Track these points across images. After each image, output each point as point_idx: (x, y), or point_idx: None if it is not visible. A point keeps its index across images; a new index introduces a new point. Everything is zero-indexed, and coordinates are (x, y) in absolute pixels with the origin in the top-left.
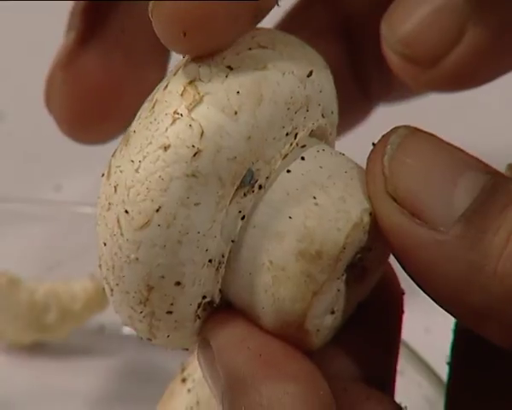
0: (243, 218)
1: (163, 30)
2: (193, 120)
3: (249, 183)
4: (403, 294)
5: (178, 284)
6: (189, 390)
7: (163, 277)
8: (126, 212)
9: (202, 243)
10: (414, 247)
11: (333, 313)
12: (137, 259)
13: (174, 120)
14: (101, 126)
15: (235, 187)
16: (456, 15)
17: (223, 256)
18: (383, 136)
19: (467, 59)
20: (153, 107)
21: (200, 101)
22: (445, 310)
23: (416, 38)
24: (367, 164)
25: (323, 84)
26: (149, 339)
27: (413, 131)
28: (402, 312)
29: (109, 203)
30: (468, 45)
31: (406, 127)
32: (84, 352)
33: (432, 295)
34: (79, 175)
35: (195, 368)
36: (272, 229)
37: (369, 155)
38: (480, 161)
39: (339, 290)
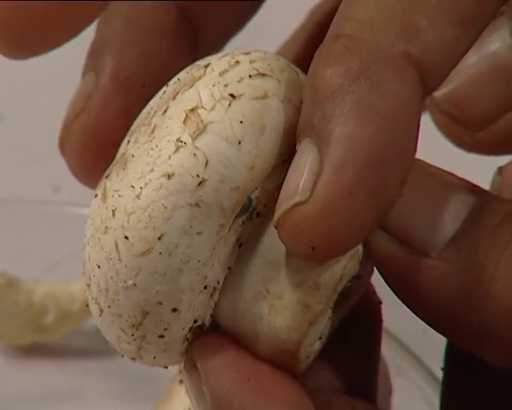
0: (240, 245)
1: (290, 243)
2: (197, 148)
3: (248, 210)
4: (380, 303)
5: (175, 310)
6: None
7: (160, 303)
8: (126, 238)
9: (202, 271)
10: (406, 274)
11: (320, 338)
12: (135, 285)
13: (178, 148)
14: None
15: (234, 216)
16: (509, 79)
17: (218, 283)
18: None
19: None
20: (152, 132)
21: (204, 129)
22: (440, 333)
23: (466, 99)
24: None
25: None
26: (133, 358)
27: None
28: (381, 321)
29: (106, 227)
30: None
31: None
32: (83, 353)
33: (426, 320)
34: None
35: None
36: (270, 257)
37: None
38: (467, 183)
39: (329, 318)
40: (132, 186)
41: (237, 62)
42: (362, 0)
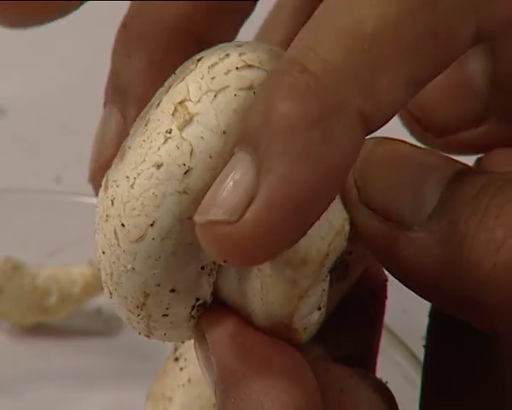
0: None
1: (204, 245)
2: (183, 139)
3: None
4: (386, 281)
5: (173, 290)
6: (181, 369)
7: (158, 285)
8: (123, 225)
9: (195, 253)
10: (391, 248)
11: (319, 309)
12: (134, 269)
13: (166, 139)
14: None
15: None
16: (478, 100)
17: (214, 263)
18: None
19: (482, 142)
20: (146, 125)
21: (191, 121)
22: (427, 300)
23: (431, 105)
24: None
25: None
26: (147, 336)
27: (380, 142)
28: (385, 297)
29: (107, 215)
30: (486, 134)
31: (373, 138)
32: (83, 332)
33: (413, 289)
34: (78, 167)
35: (187, 348)
36: None
37: None
38: (447, 159)
39: (324, 290)
40: (127, 176)
41: (227, 55)
42: (330, 33)
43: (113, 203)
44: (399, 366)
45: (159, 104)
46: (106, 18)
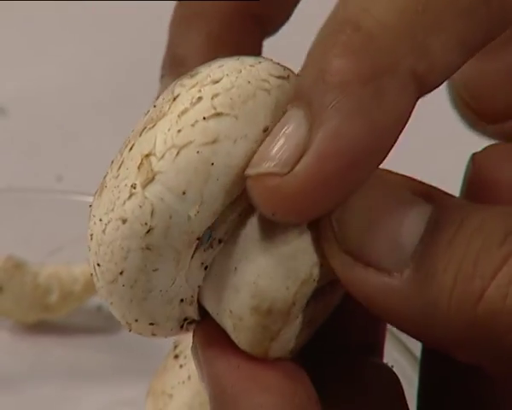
0: (206, 268)
1: (255, 198)
2: (145, 198)
3: (207, 242)
4: None
5: (152, 324)
6: (181, 366)
7: (136, 320)
8: (98, 265)
9: (167, 295)
10: (373, 295)
11: (303, 329)
12: (112, 303)
13: (131, 195)
14: None
15: (193, 249)
16: None
17: (192, 297)
18: None
19: None
20: (119, 168)
21: (153, 179)
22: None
23: (483, 94)
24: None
25: None
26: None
27: None
28: None
29: (88, 246)
30: None
31: None
32: (84, 330)
33: (400, 330)
34: (79, 167)
35: (187, 346)
36: (230, 281)
37: None
38: (425, 190)
39: (301, 321)
40: (101, 220)
41: (199, 99)
42: None
43: (91, 238)
44: (396, 362)
45: (132, 148)
46: (106, 19)
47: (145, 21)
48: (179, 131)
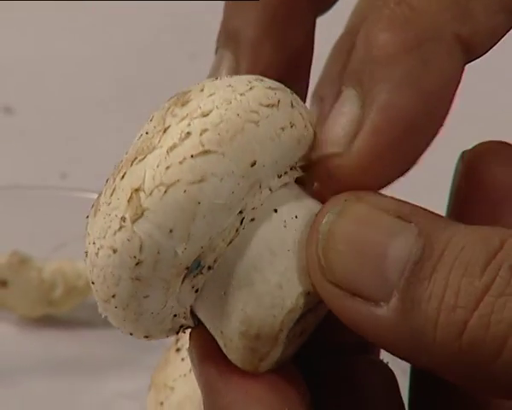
0: (197, 291)
1: (322, 185)
2: (134, 232)
3: (197, 269)
4: None
5: (147, 336)
6: (182, 359)
7: (131, 333)
8: (93, 283)
9: (159, 317)
10: (361, 323)
11: (294, 342)
12: (107, 317)
13: (121, 227)
14: None
15: (182, 277)
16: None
17: (185, 313)
18: (314, 220)
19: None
20: (111, 194)
21: (141, 215)
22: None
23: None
24: (306, 248)
25: (274, 157)
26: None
27: (341, 212)
28: None
29: (85, 261)
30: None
31: (333, 209)
32: (88, 324)
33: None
34: (83, 164)
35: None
36: (220, 306)
37: (307, 239)
38: (409, 213)
39: (291, 339)
40: (94, 243)
41: (188, 134)
42: None
43: (86, 255)
44: (392, 358)
45: (123, 177)
46: (111, 17)
47: (151, 19)
48: (167, 168)
